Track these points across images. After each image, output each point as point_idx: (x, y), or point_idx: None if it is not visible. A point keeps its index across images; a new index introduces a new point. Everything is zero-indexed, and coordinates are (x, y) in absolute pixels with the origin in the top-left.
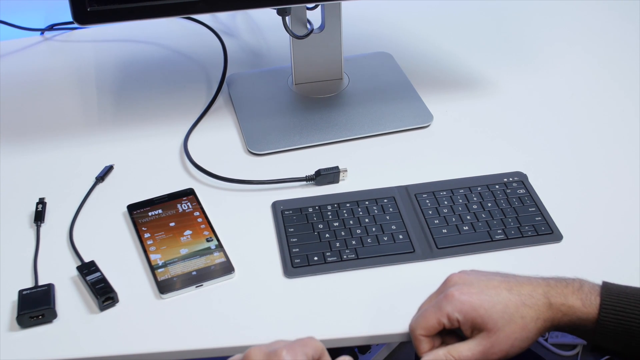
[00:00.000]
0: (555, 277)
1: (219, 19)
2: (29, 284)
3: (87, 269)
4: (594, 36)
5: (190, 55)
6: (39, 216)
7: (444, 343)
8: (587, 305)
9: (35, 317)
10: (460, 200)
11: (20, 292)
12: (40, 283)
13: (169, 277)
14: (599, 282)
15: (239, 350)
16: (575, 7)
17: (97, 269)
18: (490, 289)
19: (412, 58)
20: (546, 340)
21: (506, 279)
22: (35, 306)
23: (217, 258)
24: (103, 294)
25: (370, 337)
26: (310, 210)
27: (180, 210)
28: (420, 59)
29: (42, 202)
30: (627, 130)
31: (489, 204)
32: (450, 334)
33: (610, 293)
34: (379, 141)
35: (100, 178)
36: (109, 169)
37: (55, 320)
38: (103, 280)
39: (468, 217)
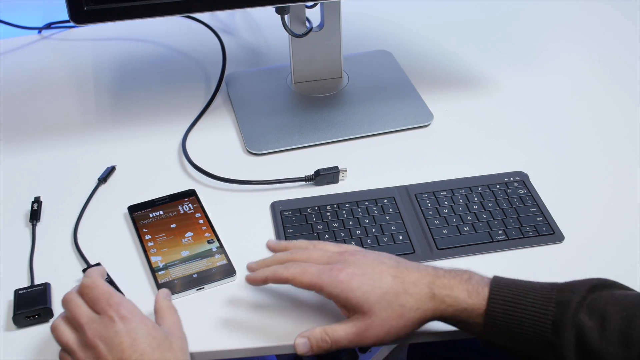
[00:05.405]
0: (447, 268)
1: (218, 17)
2: (25, 283)
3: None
4: (595, 35)
5: (188, 53)
6: (34, 215)
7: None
8: (474, 297)
9: (32, 316)
10: (461, 201)
11: (16, 291)
12: (38, 282)
13: (170, 279)
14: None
15: (238, 352)
16: (576, 6)
17: None
18: (375, 273)
19: (412, 56)
20: None
21: (396, 265)
22: (32, 306)
23: (218, 260)
24: None
25: None
26: (310, 210)
27: (182, 211)
28: (421, 57)
29: (37, 201)
30: (629, 130)
31: (490, 204)
32: None
33: (499, 284)
34: (378, 141)
35: (103, 179)
36: (111, 170)
37: (51, 320)
38: (110, 282)
39: (469, 218)
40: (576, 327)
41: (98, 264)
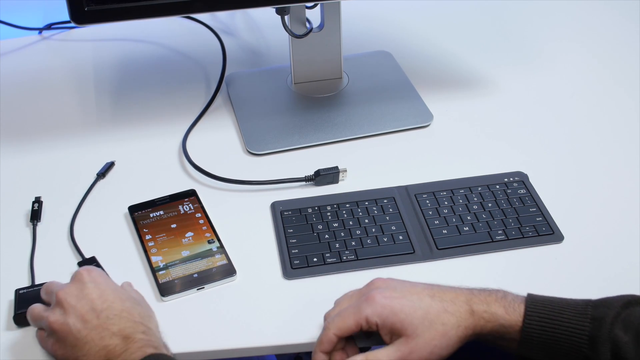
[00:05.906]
0: (480, 287)
1: (218, 17)
2: (26, 283)
3: (87, 264)
4: (595, 35)
5: (189, 54)
6: (35, 215)
7: (342, 349)
8: (510, 313)
9: None
10: (461, 201)
11: (17, 291)
12: (39, 282)
13: (170, 279)
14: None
15: (238, 352)
16: (575, 7)
17: (98, 265)
18: (412, 294)
19: (412, 57)
20: None
21: (430, 286)
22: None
23: (218, 260)
24: None
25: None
26: (310, 210)
27: (182, 211)
28: (420, 57)
29: (38, 201)
30: (628, 130)
31: (490, 204)
32: (349, 339)
33: (534, 301)
34: (378, 141)
35: (102, 174)
36: (110, 165)
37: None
38: None
39: (468, 218)
40: (612, 342)
41: (92, 258)
